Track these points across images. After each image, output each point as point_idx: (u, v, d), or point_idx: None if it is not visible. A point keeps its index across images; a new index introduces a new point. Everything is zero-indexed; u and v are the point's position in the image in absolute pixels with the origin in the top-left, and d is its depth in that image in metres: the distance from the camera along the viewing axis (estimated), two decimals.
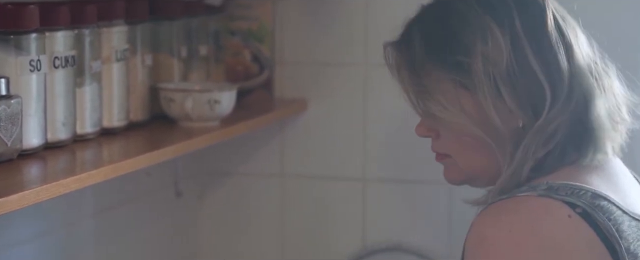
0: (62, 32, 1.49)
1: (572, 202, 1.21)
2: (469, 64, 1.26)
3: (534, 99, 1.26)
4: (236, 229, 2.15)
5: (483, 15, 1.27)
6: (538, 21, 1.28)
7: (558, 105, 1.26)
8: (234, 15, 2.02)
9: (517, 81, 1.26)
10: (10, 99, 1.37)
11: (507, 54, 1.26)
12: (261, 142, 2.10)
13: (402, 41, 1.32)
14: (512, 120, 1.26)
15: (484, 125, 1.27)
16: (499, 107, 1.26)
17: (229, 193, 2.14)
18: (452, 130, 1.30)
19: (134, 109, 1.70)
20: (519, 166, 1.26)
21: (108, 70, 1.62)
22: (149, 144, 1.66)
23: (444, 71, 1.28)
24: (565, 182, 1.24)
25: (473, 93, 1.27)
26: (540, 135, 1.25)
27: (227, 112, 1.77)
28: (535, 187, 1.23)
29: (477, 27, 1.27)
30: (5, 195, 1.22)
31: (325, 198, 2.10)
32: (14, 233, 1.59)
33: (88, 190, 1.71)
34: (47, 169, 1.43)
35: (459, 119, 1.28)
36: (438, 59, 1.28)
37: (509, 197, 1.23)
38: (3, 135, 1.36)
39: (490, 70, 1.25)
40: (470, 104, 1.27)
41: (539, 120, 1.25)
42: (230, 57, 2.02)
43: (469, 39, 1.27)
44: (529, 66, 1.26)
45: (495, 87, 1.26)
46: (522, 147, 1.26)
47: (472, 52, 1.26)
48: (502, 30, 1.27)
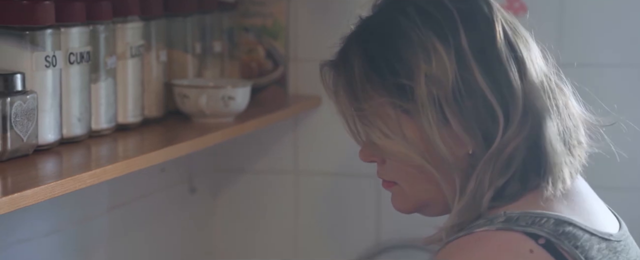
0: (77, 28, 1.49)
1: (534, 233, 1.10)
2: (412, 87, 1.13)
3: (484, 122, 1.13)
4: (250, 225, 2.15)
5: (425, 31, 1.14)
6: (486, 36, 1.15)
7: (512, 128, 1.13)
8: (248, 12, 2.02)
9: (465, 104, 1.13)
10: (25, 94, 1.38)
11: (452, 74, 1.13)
12: (275, 139, 2.11)
13: (340, 60, 1.19)
14: (460, 148, 1.14)
15: (429, 154, 1.15)
16: (445, 134, 1.14)
17: (243, 189, 2.14)
18: (394, 158, 1.18)
19: (149, 105, 1.70)
20: (475, 198, 1.14)
21: (123, 67, 1.62)
22: (163, 140, 1.67)
23: (384, 95, 1.15)
24: (525, 210, 1.12)
25: (416, 119, 1.14)
26: (495, 162, 1.13)
27: (241, 109, 1.77)
28: (493, 219, 1.12)
29: (419, 44, 1.14)
30: (21, 190, 1.22)
31: (339, 194, 2.10)
32: (29, 228, 1.60)
33: (103, 185, 1.71)
34: (63, 165, 1.44)
35: (400, 147, 1.15)
36: (378, 81, 1.15)
37: (467, 234, 1.12)
38: (19, 131, 1.36)
39: (434, 92, 1.13)
40: (413, 131, 1.15)
41: (492, 146, 1.13)
42: (245, 53, 2.03)
43: (411, 59, 1.14)
44: (478, 86, 1.13)
45: (440, 111, 1.13)
46: (475, 176, 1.13)
47: (415, 74, 1.13)
48: (446, 47, 1.13)
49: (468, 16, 1.15)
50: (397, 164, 1.18)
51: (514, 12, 1.95)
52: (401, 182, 1.20)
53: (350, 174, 2.09)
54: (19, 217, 1.54)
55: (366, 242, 2.09)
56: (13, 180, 1.31)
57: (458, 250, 1.11)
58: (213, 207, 2.15)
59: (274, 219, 2.14)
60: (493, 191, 1.14)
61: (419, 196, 1.19)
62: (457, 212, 1.15)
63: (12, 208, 1.20)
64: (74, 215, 1.71)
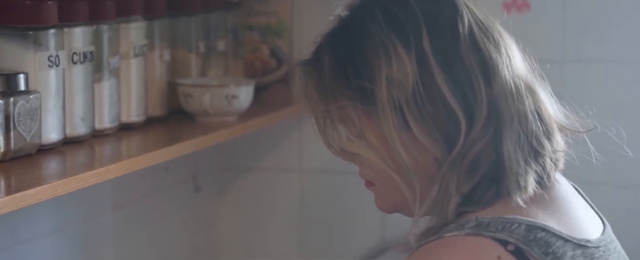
0: (81, 27, 1.49)
1: (503, 239, 1.07)
2: (373, 90, 1.12)
3: (446, 127, 1.11)
4: (254, 223, 2.15)
5: (388, 34, 1.12)
6: (449, 39, 1.12)
7: (475, 132, 1.10)
8: (252, 11, 2.02)
9: (426, 108, 1.10)
10: (29, 94, 1.38)
11: (413, 78, 1.10)
12: (279, 137, 2.11)
13: (312, 61, 1.18)
14: (423, 153, 1.12)
15: (390, 159, 1.13)
16: (406, 138, 1.12)
17: (248, 188, 2.15)
18: (360, 162, 1.16)
19: (152, 105, 1.70)
20: (441, 204, 1.12)
21: (126, 66, 1.62)
22: (167, 139, 1.67)
23: (348, 97, 1.13)
24: (497, 215, 1.10)
25: (377, 123, 1.12)
26: (459, 166, 1.11)
27: (245, 107, 1.77)
28: (464, 224, 1.10)
29: (381, 47, 1.12)
30: (24, 189, 1.23)
31: (344, 193, 2.10)
32: (33, 227, 1.60)
33: (107, 185, 1.72)
34: (66, 164, 1.44)
35: (363, 151, 1.14)
36: (343, 83, 1.14)
37: (436, 239, 1.10)
38: (22, 130, 1.37)
39: (395, 96, 1.11)
40: (375, 135, 1.13)
41: (454, 151, 1.10)
42: (249, 52, 2.03)
43: (374, 62, 1.12)
44: (439, 91, 1.10)
45: (400, 115, 1.11)
46: (438, 183, 1.11)
47: (376, 77, 1.11)
48: (407, 50, 1.11)
49: (432, 18, 1.13)
50: (369, 168, 1.17)
51: (517, 9, 1.95)
52: (377, 183, 1.18)
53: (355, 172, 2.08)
54: (23, 216, 1.55)
55: (371, 240, 2.09)
56: (16, 179, 1.31)
57: (425, 254, 1.09)
58: (218, 205, 2.15)
59: (279, 217, 2.14)
60: (459, 197, 1.11)
61: (393, 198, 1.18)
62: (424, 218, 1.13)
63: (15, 207, 1.21)
64: (78, 214, 1.72)
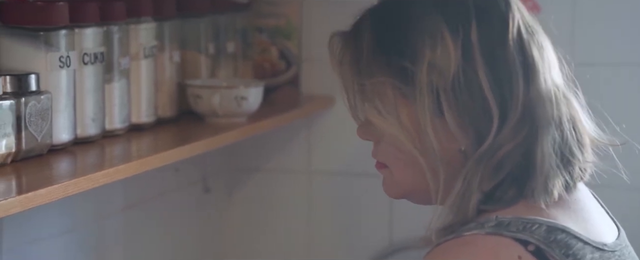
0: (91, 28, 1.50)
1: (524, 239, 1.07)
2: (413, 72, 1.12)
3: (478, 120, 1.11)
4: (263, 224, 2.16)
5: (437, 18, 1.12)
6: (498, 34, 1.12)
7: (505, 131, 1.10)
8: (261, 12, 2.03)
9: (462, 98, 1.11)
10: (40, 94, 1.39)
11: (455, 66, 1.11)
12: (288, 139, 2.11)
13: (351, 33, 1.18)
14: (451, 142, 1.12)
15: (419, 142, 1.13)
16: (438, 124, 1.12)
17: (256, 189, 2.15)
18: (386, 140, 1.16)
19: (162, 105, 1.71)
20: (462, 200, 1.11)
21: (136, 67, 1.63)
22: (176, 139, 1.67)
23: (387, 75, 1.14)
24: (518, 215, 1.10)
25: (412, 104, 1.13)
26: (485, 164, 1.11)
27: (254, 109, 1.78)
28: (484, 223, 1.09)
29: (427, 30, 1.12)
30: (35, 189, 1.24)
31: (352, 194, 2.10)
32: (43, 227, 1.61)
33: (117, 185, 1.72)
34: (77, 164, 1.45)
35: (393, 129, 1.14)
36: (383, 60, 1.14)
37: (456, 237, 1.10)
38: (33, 131, 1.37)
39: (434, 81, 1.11)
40: (407, 116, 1.13)
41: (482, 147, 1.11)
42: (258, 54, 2.03)
43: (418, 44, 1.12)
44: (478, 83, 1.10)
45: (436, 101, 1.11)
46: (463, 177, 1.11)
47: (419, 59, 1.12)
48: (454, 38, 1.11)
49: (484, 11, 1.13)
50: (389, 146, 1.17)
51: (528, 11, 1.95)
52: (390, 165, 1.18)
53: (363, 174, 2.10)
54: (34, 216, 1.56)
55: (379, 242, 2.09)
56: (27, 179, 1.32)
57: (445, 253, 1.09)
58: (227, 206, 2.16)
59: (287, 218, 2.14)
60: (481, 194, 1.11)
61: (406, 182, 1.17)
62: (446, 212, 1.13)
63: (26, 207, 1.21)
64: (88, 214, 1.72)
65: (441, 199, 1.14)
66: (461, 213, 1.12)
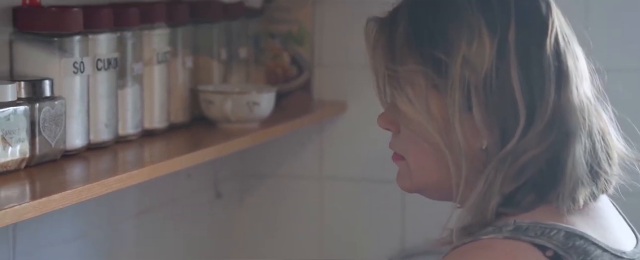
0: (105, 35, 1.51)
1: (542, 245, 1.07)
2: (447, 64, 1.12)
3: (505, 121, 1.11)
4: (275, 230, 2.16)
5: (476, 14, 1.12)
6: (536, 38, 1.12)
7: (531, 135, 1.10)
8: (274, 19, 2.03)
9: (492, 96, 1.11)
10: (54, 100, 1.39)
11: (489, 63, 1.11)
12: (300, 145, 2.11)
13: (388, 20, 1.18)
14: (476, 140, 1.12)
15: (446, 134, 1.13)
16: (465, 120, 1.12)
17: (269, 195, 2.15)
18: (412, 129, 1.16)
19: (175, 111, 1.72)
20: (482, 201, 1.11)
21: (150, 73, 1.64)
22: (189, 145, 1.68)
23: (420, 63, 1.13)
24: (537, 221, 1.10)
25: (443, 96, 1.12)
26: (508, 167, 1.11)
27: (267, 115, 1.78)
28: (502, 227, 1.09)
29: (466, 25, 1.12)
30: (49, 194, 1.24)
31: (364, 200, 2.11)
32: (56, 232, 1.61)
33: (130, 190, 1.73)
34: (90, 170, 1.45)
35: (422, 118, 1.14)
36: (417, 49, 1.14)
37: (474, 241, 1.09)
38: (47, 136, 1.38)
39: (467, 76, 1.11)
40: (437, 107, 1.13)
41: (506, 148, 1.11)
42: (270, 60, 2.04)
43: (455, 37, 1.12)
44: (510, 83, 1.11)
45: (467, 97, 1.11)
46: (485, 177, 1.11)
47: (454, 52, 1.12)
48: (492, 36, 1.11)
49: (524, 13, 1.13)
50: (412, 136, 1.16)
51: None
52: (409, 157, 1.17)
53: (375, 180, 2.10)
54: (47, 221, 1.56)
55: (391, 248, 2.09)
56: (41, 184, 1.33)
57: (463, 256, 1.09)
58: (239, 212, 2.16)
59: (299, 224, 2.14)
60: (501, 196, 1.11)
61: (423, 176, 1.17)
62: (466, 213, 1.12)
63: (40, 212, 1.22)
64: (101, 220, 1.73)
65: (462, 197, 1.13)
66: (480, 214, 1.12)
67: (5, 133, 1.30)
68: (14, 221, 1.19)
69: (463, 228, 1.12)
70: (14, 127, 1.32)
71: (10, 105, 1.32)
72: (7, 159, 1.32)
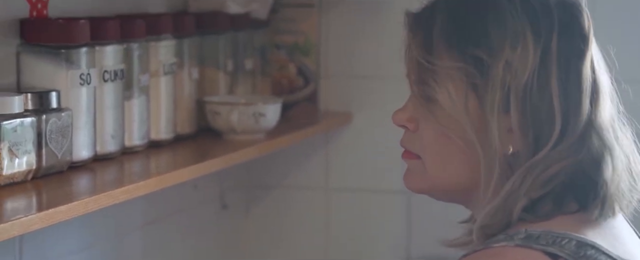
0: (112, 46, 1.51)
1: (553, 253, 1.07)
2: (489, 65, 1.12)
3: (540, 128, 1.12)
4: (281, 241, 2.16)
5: (522, 19, 1.13)
6: (577, 50, 1.14)
7: (563, 145, 1.12)
8: (279, 29, 2.04)
9: (531, 101, 1.12)
10: (61, 111, 1.40)
11: (531, 69, 1.12)
12: (306, 155, 2.12)
13: (425, 14, 1.17)
14: (508, 143, 1.13)
15: (482, 135, 1.13)
16: (502, 121, 1.12)
17: (274, 206, 2.15)
18: (445, 125, 1.15)
19: (181, 122, 1.72)
20: (508, 202, 1.11)
21: (156, 84, 1.64)
22: (195, 156, 1.68)
23: (459, 61, 1.13)
24: (548, 229, 1.10)
25: (481, 96, 1.13)
26: (537, 173, 1.11)
27: (272, 125, 1.78)
28: (513, 235, 1.09)
29: (510, 29, 1.13)
30: (55, 205, 1.24)
31: (370, 211, 2.11)
32: (63, 244, 1.61)
33: (136, 201, 1.73)
34: (96, 181, 1.45)
35: (460, 116, 1.13)
36: (457, 47, 1.14)
37: (484, 249, 1.10)
38: (54, 147, 1.38)
39: (507, 79, 1.12)
40: (474, 106, 1.13)
41: (538, 155, 1.11)
42: (276, 70, 2.04)
43: (498, 40, 1.13)
44: (549, 91, 1.12)
45: (505, 98, 1.12)
46: (514, 178, 1.11)
47: (496, 54, 1.12)
48: (536, 42, 1.13)
49: (567, 25, 1.15)
50: (437, 134, 1.15)
51: None
52: (427, 156, 1.17)
53: (381, 191, 2.10)
54: (53, 233, 1.56)
55: (397, 258, 2.09)
56: (48, 196, 1.33)
57: None
58: (245, 223, 2.16)
59: (305, 235, 2.14)
60: (527, 200, 1.11)
61: (441, 176, 1.16)
62: (489, 213, 1.12)
63: (47, 224, 1.22)
64: (107, 231, 1.73)
65: (490, 197, 1.13)
66: (503, 216, 1.12)
67: (12, 144, 1.31)
68: (20, 232, 1.19)
69: (482, 226, 1.12)
70: (20, 138, 1.32)
71: (17, 117, 1.32)
72: (14, 170, 1.32)
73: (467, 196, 1.17)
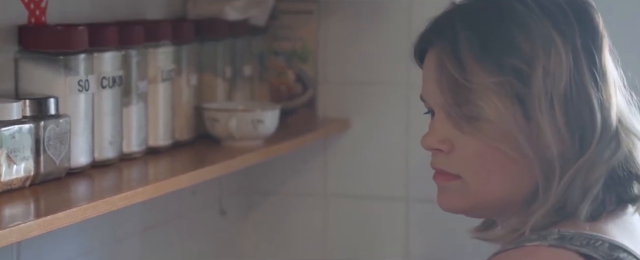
0: (110, 52, 1.51)
1: (588, 254, 1.08)
2: (529, 74, 1.11)
3: (583, 127, 1.12)
4: (279, 247, 2.16)
5: (543, 21, 1.12)
6: (596, 43, 1.14)
7: (605, 142, 1.12)
8: (278, 36, 2.04)
9: (572, 104, 1.12)
10: (59, 118, 1.40)
11: (567, 71, 1.11)
12: (304, 162, 2.12)
13: (444, 36, 1.15)
14: (559, 145, 1.12)
15: (531, 142, 1.12)
16: (551, 125, 1.12)
17: (272, 212, 2.15)
18: (492, 139, 1.13)
19: (179, 129, 1.72)
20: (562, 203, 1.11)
21: (154, 90, 1.64)
22: (193, 162, 1.68)
23: (497, 74, 1.12)
24: (579, 231, 1.10)
25: (526, 104, 1.12)
26: (587, 172, 1.11)
27: (271, 132, 1.79)
28: (546, 236, 1.09)
29: (537, 35, 1.12)
30: (53, 212, 1.24)
31: (368, 217, 2.11)
32: (61, 250, 1.61)
33: (134, 208, 1.73)
34: (94, 187, 1.45)
35: (510, 126, 1.12)
36: (490, 61, 1.12)
37: (516, 248, 1.09)
38: (52, 154, 1.38)
39: (548, 86, 1.11)
40: (520, 114, 1.12)
41: (587, 153, 1.11)
42: (274, 77, 2.04)
43: (530, 48, 1.12)
44: (586, 90, 1.12)
45: (550, 102, 1.11)
46: (565, 180, 1.11)
47: (533, 62, 1.11)
48: (564, 43, 1.12)
49: (582, 19, 1.14)
50: (479, 149, 1.13)
51: None
52: (470, 173, 1.15)
53: (379, 197, 2.10)
54: (51, 239, 1.56)
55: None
56: (46, 202, 1.33)
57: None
58: (243, 229, 2.16)
59: (303, 241, 2.14)
60: (591, 199, 1.11)
61: (484, 192, 1.14)
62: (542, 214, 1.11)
63: (45, 230, 1.22)
64: (105, 237, 1.73)
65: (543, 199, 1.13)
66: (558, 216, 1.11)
67: (10, 151, 1.31)
68: (18, 239, 1.19)
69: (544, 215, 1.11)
70: (18, 144, 1.32)
71: (15, 123, 1.32)
72: (12, 176, 1.32)
73: (502, 209, 1.16)
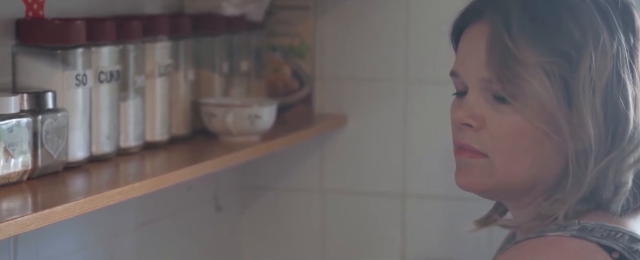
0: (108, 47, 1.51)
1: (609, 246, 1.09)
2: (578, 60, 1.13)
3: (618, 120, 1.14)
4: (276, 243, 2.16)
5: (596, 15, 1.15)
6: (634, 45, 1.17)
7: (636, 139, 1.14)
8: (275, 32, 2.04)
9: (611, 97, 1.14)
10: (56, 112, 1.40)
11: (610, 66, 1.14)
12: (301, 157, 2.12)
13: (498, 6, 1.16)
14: (597, 134, 1.14)
15: (571, 127, 1.14)
16: (591, 113, 1.13)
17: (269, 208, 2.15)
18: (535, 118, 1.13)
19: (176, 124, 1.72)
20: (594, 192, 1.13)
21: (151, 85, 1.64)
22: (190, 158, 1.68)
23: (551, 56, 1.13)
24: (600, 222, 1.11)
25: (569, 89, 1.13)
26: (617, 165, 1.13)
27: (267, 127, 1.79)
28: (567, 226, 1.11)
29: (588, 24, 1.14)
30: (51, 206, 1.24)
31: (365, 213, 2.11)
32: (57, 244, 1.61)
33: (130, 203, 1.73)
34: (91, 182, 1.45)
35: (554, 108, 1.13)
36: (544, 40, 1.13)
37: (538, 237, 1.11)
38: (49, 148, 1.38)
39: (593, 75, 1.13)
40: (562, 98, 1.13)
41: (619, 148, 1.13)
42: (271, 72, 2.04)
43: (580, 35, 1.14)
44: (625, 86, 1.14)
45: (593, 92, 1.13)
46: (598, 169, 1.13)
47: (582, 51, 1.13)
48: (611, 38, 1.15)
49: (626, 20, 1.17)
50: (514, 129, 1.14)
51: None
52: (498, 152, 1.15)
53: (375, 193, 2.10)
54: (48, 233, 1.56)
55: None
56: (43, 196, 1.33)
57: (530, 252, 1.09)
58: (239, 225, 2.16)
59: (300, 237, 2.15)
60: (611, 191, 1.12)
61: (511, 172, 1.14)
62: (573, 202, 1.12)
63: (42, 224, 1.22)
64: (102, 232, 1.73)
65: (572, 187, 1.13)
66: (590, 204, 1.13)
67: (8, 145, 1.31)
68: (15, 233, 1.19)
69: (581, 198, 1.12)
70: (16, 138, 1.32)
71: (13, 117, 1.32)
72: (9, 170, 1.32)
73: (522, 193, 1.16)
